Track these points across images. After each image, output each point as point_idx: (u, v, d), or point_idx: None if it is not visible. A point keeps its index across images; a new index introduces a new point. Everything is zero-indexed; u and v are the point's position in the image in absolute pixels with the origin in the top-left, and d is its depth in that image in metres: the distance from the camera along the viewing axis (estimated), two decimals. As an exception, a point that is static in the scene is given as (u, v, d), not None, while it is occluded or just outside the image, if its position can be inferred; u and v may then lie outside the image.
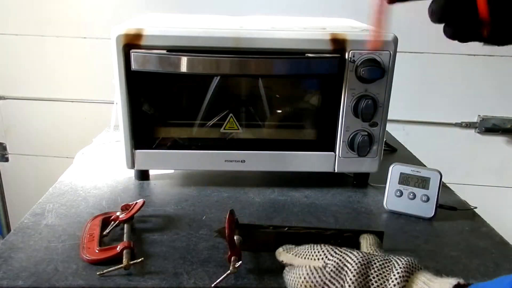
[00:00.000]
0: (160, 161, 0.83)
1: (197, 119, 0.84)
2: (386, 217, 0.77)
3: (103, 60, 1.51)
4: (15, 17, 1.61)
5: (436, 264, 0.63)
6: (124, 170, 0.85)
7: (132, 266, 0.58)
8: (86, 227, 0.67)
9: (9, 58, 1.66)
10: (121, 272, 0.58)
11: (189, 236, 0.68)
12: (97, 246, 0.62)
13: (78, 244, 0.63)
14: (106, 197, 0.79)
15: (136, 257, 0.59)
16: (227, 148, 0.83)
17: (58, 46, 1.63)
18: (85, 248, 0.62)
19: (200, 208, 0.77)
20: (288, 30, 0.77)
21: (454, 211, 0.78)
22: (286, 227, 0.63)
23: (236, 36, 0.75)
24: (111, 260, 0.59)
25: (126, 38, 0.74)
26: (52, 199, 0.78)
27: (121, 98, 0.77)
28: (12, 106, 1.72)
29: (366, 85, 0.77)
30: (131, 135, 0.80)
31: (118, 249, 0.60)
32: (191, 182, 0.88)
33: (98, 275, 0.57)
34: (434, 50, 1.56)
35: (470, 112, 1.67)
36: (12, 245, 0.63)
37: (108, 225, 0.68)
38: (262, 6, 1.55)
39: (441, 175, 0.74)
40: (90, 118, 1.71)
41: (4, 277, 0.56)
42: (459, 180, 1.60)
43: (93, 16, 1.59)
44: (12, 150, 1.80)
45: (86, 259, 0.60)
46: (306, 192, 0.84)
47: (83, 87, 1.69)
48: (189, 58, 0.74)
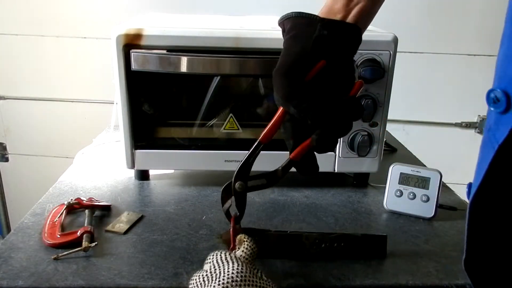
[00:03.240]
0: (160, 161, 0.83)
1: (197, 119, 0.84)
2: (386, 217, 0.77)
3: (103, 60, 1.52)
4: (15, 17, 1.61)
5: (436, 264, 0.63)
6: (124, 170, 0.85)
7: (90, 249, 0.61)
8: (50, 214, 0.70)
9: (9, 58, 1.66)
10: (121, 272, 0.58)
11: (189, 236, 0.68)
12: (59, 231, 0.65)
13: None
14: (106, 197, 0.79)
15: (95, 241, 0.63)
16: (227, 148, 0.83)
17: (58, 46, 1.63)
18: (47, 233, 0.65)
19: (200, 208, 0.77)
20: (288, 30, 0.77)
21: (454, 211, 0.78)
22: (288, 230, 0.63)
23: (236, 36, 0.75)
24: (72, 244, 0.62)
25: (126, 38, 0.74)
26: (52, 199, 0.78)
27: (121, 98, 0.77)
28: (12, 106, 1.73)
29: (366, 85, 0.77)
30: (131, 135, 0.80)
31: (79, 233, 0.64)
32: (191, 182, 0.88)
33: (53, 259, 0.60)
34: (434, 50, 1.56)
35: (470, 112, 1.67)
36: (12, 245, 0.63)
37: (74, 213, 0.73)
38: (262, 6, 1.55)
39: (441, 175, 0.74)
40: (90, 118, 1.71)
41: (4, 277, 0.56)
42: (459, 180, 1.60)
43: (93, 16, 1.59)
44: (12, 150, 1.80)
45: (47, 243, 0.63)
46: (306, 192, 0.84)
47: (83, 87, 1.69)
48: (189, 58, 0.74)
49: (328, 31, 0.51)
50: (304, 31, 0.52)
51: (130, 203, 0.78)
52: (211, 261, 0.51)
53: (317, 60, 0.51)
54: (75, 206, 0.73)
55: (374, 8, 0.54)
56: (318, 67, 0.51)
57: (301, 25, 0.53)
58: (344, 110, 0.52)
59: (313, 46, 0.51)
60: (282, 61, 0.52)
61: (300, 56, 0.51)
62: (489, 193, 0.42)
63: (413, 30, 1.48)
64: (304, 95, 0.51)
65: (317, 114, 0.51)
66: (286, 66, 0.51)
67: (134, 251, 0.63)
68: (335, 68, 0.52)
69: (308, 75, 0.51)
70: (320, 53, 0.51)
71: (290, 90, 0.50)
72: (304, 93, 0.51)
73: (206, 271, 0.50)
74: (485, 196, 0.42)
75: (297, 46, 0.52)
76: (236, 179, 0.57)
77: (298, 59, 0.51)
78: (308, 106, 0.50)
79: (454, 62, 1.59)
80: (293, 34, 0.53)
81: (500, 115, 0.39)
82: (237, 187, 0.57)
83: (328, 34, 0.51)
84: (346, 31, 0.52)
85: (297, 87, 0.51)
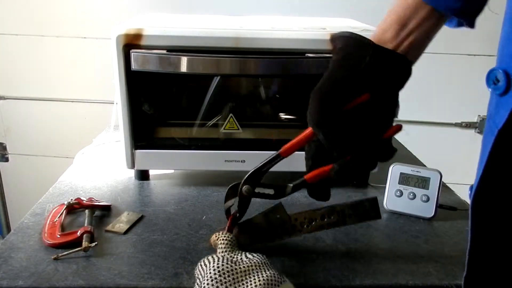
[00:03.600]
0: (160, 161, 0.83)
1: (197, 119, 0.84)
2: (386, 217, 0.77)
3: (103, 60, 1.52)
4: (15, 17, 1.61)
5: (436, 264, 0.63)
6: (124, 170, 0.85)
7: (89, 249, 0.61)
8: (50, 214, 0.70)
9: (9, 58, 1.66)
10: (121, 272, 0.58)
11: (189, 236, 0.68)
12: (59, 231, 0.65)
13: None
14: (106, 197, 0.79)
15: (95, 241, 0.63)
16: (227, 148, 0.83)
17: (58, 46, 1.63)
18: (47, 233, 0.65)
19: (200, 208, 0.77)
20: (288, 30, 0.77)
21: (454, 211, 0.78)
22: (278, 215, 0.62)
23: (236, 36, 0.75)
24: (72, 244, 0.62)
25: (126, 38, 0.74)
26: (52, 199, 0.78)
27: (121, 98, 0.77)
28: (12, 106, 1.72)
29: (366, 85, 0.77)
30: (131, 135, 0.80)
31: (79, 233, 0.64)
32: (191, 182, 0.88)
33: (53, 259, 0.59)
34: (434, 50, 1.56)
35: (470, 112, 1.67)
36: (12, 245, 0.63)
37: (74, 213, 0.73)
38: (262, 6, 1.55)
39: (441, 175, 0.74)
40: (90, 118, 1.71)
41: (4, 277, 0.56)
42: (459, 180, 1.60)
43: (93, 16, 1.59)
44: (12, 150, 1.80)
45: (47, 243, 0.63)
46: (306, 192, 0.84)
47: (83, 87, 1.69)
48: (189, 58, 0.74)
49: (379, 60, 0.48)
50: (354, 55, 0.48)
51: (130, 203, 0.78)
52: (197, 270, 0.53)
53: (362, 92, 0.48)
54: (75, 206, 0.73)
55: (426, 41, 0.50)
56: (360, 100, 0.48)
57: (352, 47, 0.49)
58: (374, 152, 0.50)
59: (360, 76, 0.47)
60: (324, 84, 0.49)
61: (344, 84, 0.48)
62: (491, 188, 0.40)
63: (413, 30, 1.49)
64: (338, 126, 0.48)
65: (346, 149, 0.49)
66: (326, 90, 0.48)
67: (134, 251, 0.63)
68: (378, 103, 0.49)
69: (347, 105, 0.48)
70: (366, 85, 0.48)
71: (324, 117, 0.47)
72: (338, 124, 0.48)
73: (196, 282, 0.51)
74: (486, 192, 0.40)
75: (343, 71, 0.48)
76: (245, 183, 0.57)
77: (341, 87, 0.48)
78: (339, 139, 0.48)
79: (454, 62, 1.59)
80: (342, 56, 0.49)
81: (500, 97, 0.38)
82: (244, 190, 0.57)
83: (378, 64, 0.48)
84: (398, 62, 0.49)
85: (332, 116, 0.47)
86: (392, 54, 0.48)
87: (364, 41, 0.49)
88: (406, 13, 0.48)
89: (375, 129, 0.50)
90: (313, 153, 0.54)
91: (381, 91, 0.49)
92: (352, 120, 0.48)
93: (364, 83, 0.48)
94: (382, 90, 0.49)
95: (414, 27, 0.48)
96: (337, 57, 0.50)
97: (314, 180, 0.55)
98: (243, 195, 0.57)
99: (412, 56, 0.50)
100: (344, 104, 0.48)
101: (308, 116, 0.49)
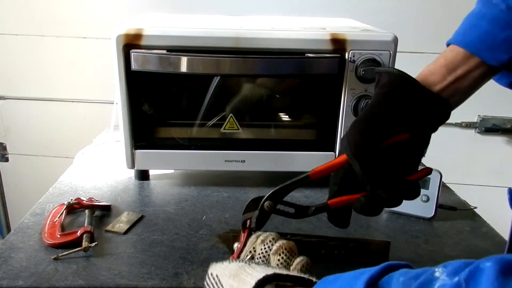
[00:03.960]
0: (160, 161, 0.83)
1: (197, 119, 0.84)
2: (386, 217, 0.77)
3: (103, 60, 1.52)
4: (15, 17, 1.61)
5: (436, 264, 0.63)
6: (124, 170, 0.85)
7: (89, 249, 0.62)
8: (50, 214, 0.70)
9: (9, 58, 1.66)
10: (121, 272, 0.58)
11: (189, 236, 0.68)
12: (59, 231, 0.65)
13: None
14: (106, 197, 0.79)
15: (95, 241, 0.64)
16: (227, 148, 0.83)
17: (58, 46, 1.63)
18: (47, 233, 0.65)
19: (200, 208, 0.77)
20: (288, 30, 0.77)
21: (454, 211, 0.78)
22: (289, 234, 0.63)
23: (236, 36, 0.75)
24: (72, 244, 0.62)
25: (126, 38, 0.74)
26: (52, 199, 0.78)
27: (121, 98, 0.77)
28: (12, 106, 1.72)
29: (366, 85, 0.77)
30: (131, 135, 0.80)
31: (79, 233, 0.64)
32: (191, 182, 0.88)
33: (53, 259, 0.59)
34: (434, 50, 1.55)
35: (470, 112, 1.67)
36: (12, 245, 0.63)
37: (74, 213, 0.73)
38: (262, 6, 1.55)
39: (441, 175, 0.74)
40: (90, 118, 1.70)
41: (4, 277, 0.56)
42: (459, 180, 1.60)
43: (93, 16, 1.59)
44: (12, 150, 1.80)
45: (47, 243, 0.63)
46: (306, 192, 0.84)
47: (83, 87, 1.68)
48: (189, 58, 0.74)
49: (423, 101, 0.49)
50: (399, 93, 0.50)
51: (130, 203, 0.78)
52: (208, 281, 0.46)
53: (401, 130, 0.49)
54: (75, 206, 0.73)
55: (472, 90, 0.52)
56: (401, 138, 0.49)
57: (398, 86, 0.50)
58: (404, 190, 0.51)
59: (403, 115, 0.49)
60: (367, 116, 0.50)
61: (386, 120, 0.49)
62: None
63: (413, 30, 1.48)
64: (375, 160, 0.49)
65: (379, 183, 0.49)
66: (369, 123, 0.49)
67: (134, 251, 0.63)
68: (415, 142, 0.50)
69: (386, 141, 0.49)
70: (407, 124, 0.49)
71: (363, 149, 0.49)
72: (375, 158, 0.49)
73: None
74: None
75: (387, 107, 0.50)
76: (268, 198, 0.56)
77: (384, 123, 0.49)
78: (374, 173, 0.49)
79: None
80: (386, 91, 0.50)
81: None
82: (266, 205, 0.57)
83: (422, 105, 0.49)
84: (440, 106, 0.50)
85: (371, 149, 0.49)
86: (436, 97, 0.50)
87: (410, 80, 0.50)
88: (456, 60, 0.50)
89: (408, 165, 0.52)
90: (340, 179, 0.55)
91: (419, 132, 0.50)
92: (389, 155, 0.49)
93: (406, 122, 0.49)
94: (421, 132, 0.50)
95: (462, 74, 0.50)
96: (381, 92, 0.51)
97: (336, 206, 0.55)
98: (264, 210, 0.57)
99: (453, 101, 0.51)
100: (383, 140, 0.49)
101: (346, 144, 0.50)
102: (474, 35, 0.49)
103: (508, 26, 0.47)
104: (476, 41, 0.49)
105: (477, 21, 0.49)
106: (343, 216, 0.57)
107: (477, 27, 0.49)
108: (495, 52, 0.48)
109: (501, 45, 0.47)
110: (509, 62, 0.48)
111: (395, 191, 0.50)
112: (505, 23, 0.47)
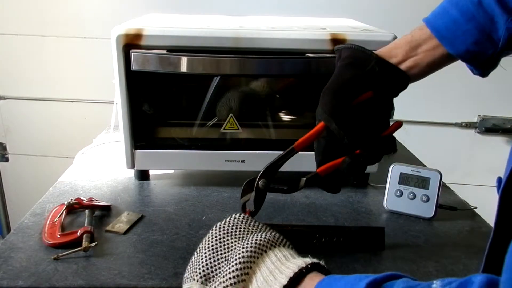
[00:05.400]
0: (160, 161, 0.83)
1: (197, 119, 0.84)
2: (386, 217, 0.77)
3: (103, 60, 1.52)
4: (15, 17, 1.61)
5: (436, 264, 0.63)
6: (124, 170, 0.85)
7: (89, 249, 0.61)
8: (50, 214, 0.70)
9: (9, 58, 1.66)
10: (121, 271, 0.58)
11: (189, 236, 0.68)
12: (59, 231, 0.65)
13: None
14: (106, 197, 0.79)
15: (95, 241, 0.64)
16: (227, 148, 0.83)
17: (58, 46, 1.63)
18: (47, 233, 0.65)
19: (200, 208, 0.77)
20: (288, 30, 0.77)
21: (454, 211, 0.78)
22: (290, 226, 0.64)
23: (236, 36, 0.75)
24: (72, 244, 0.62)
25: (126, 38, 0.74)
26: (52, 199, 0.78)
27: (121, 98, 0.77)
28: (12, 106, 1.72)
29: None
30: (131, 135, 0.80)
31: (79, 233, 0.64)
32: (191, 182, 0.88)
33: (53, 259, 0.59)
34: (434, 50, 1.56)
35: (470, 112, 1.67)
36: (12, 245, 0.63)
37: (74, 213, 0.73)
38: (262, 6, 1.55)
39: (441, 175, 0.74)
40: (90, 118, 1.70)
41: (4, 277, 0.56)
42: (459, 180, 1.60)
43: (93, 16, 1.59)
44: (12, 150, 1.80)
45: (47, 243, 0.63)
46: (306, 192, 0.84)
47: (83, 87, 1.69)
48: (189, 58, 0.74)
49: (380, 67, 0.55)
50: (358, 62, 0.56)
51: (130, 203, 0.78)
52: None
53: (366, 89, 0.55)
54: (75, 206, 0.73)
55: (430, 70, 0.56)
56: (366, 96, 0.55)
57: (357, 57, 0.56)
58: (380, 144, 0.56)
59: (365, 77, 0.55)
60: (333, 82, 0.56)
61: (351, 81, 0.55)
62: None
63: (413, 30, 1.49)
64: (348, 115, 0.54)
65: (356, 137, 0.54)
66: (337, 86, 0.55)
67: (134, 251, 0.63)
68: (378, 102, 0.56)
69: (354, 100, 0.55)
70: (369, 84, 0.55)
71: (336, 107, 0.54)
72: (349, 114, 0.54)
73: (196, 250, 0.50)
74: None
75: (350, 72, 0.56)
76: (261, 177, 0.59)
77: (349, 83, 0.55)
78: (350, 127, 0.53)
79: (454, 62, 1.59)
80: (348, 62, 0.57)
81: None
82: (260, 184, 0.59)
83: (379, 71, 0.55)
84: (395, 74, 0.56)
85: (344, 107, 0.54)
86: (393, 67, 0.56)
87: (367, 53, 0.56)
88: (420, 39, 0.55)
89: (378, 122, 0.57)
90: (323, 148, 0.59)
91: (380, 93, 0.56)
92: (359, 113, 0.55)
93: (368, 83, 0.55)
94: (381, 92, 0.56)
95: (422, 52, 0.55)
96: (344, 63, 0.57)
97: (326, 172, 0.57)
98: (260, 189, 0.59)
99: (413, 74, 0.56)
100: (352, 99, 0.55)
101: (319, 110, 0.55)
102: (443, 21, 0.53)
103: (472, 19, 0.51)
104: (443, 27, 0.53)
105: (450, 7, 0.53)
106: (333, 181, 0.61)
107: (448, 14, 0.53)
108: (456, 42, 0.52)
109: (461, 36, 0.52)
110: (465, 53, 0.52)
111: (373, 146, 0.56)
112: (471, 16, 0.51)
